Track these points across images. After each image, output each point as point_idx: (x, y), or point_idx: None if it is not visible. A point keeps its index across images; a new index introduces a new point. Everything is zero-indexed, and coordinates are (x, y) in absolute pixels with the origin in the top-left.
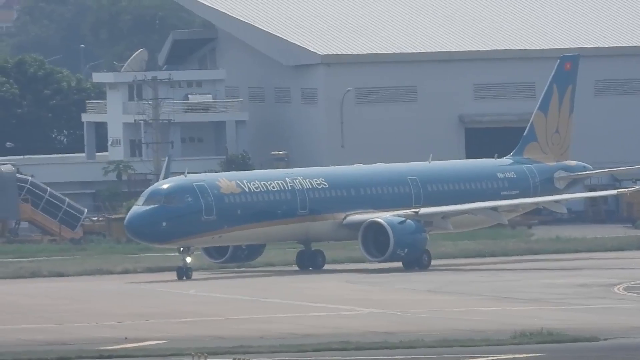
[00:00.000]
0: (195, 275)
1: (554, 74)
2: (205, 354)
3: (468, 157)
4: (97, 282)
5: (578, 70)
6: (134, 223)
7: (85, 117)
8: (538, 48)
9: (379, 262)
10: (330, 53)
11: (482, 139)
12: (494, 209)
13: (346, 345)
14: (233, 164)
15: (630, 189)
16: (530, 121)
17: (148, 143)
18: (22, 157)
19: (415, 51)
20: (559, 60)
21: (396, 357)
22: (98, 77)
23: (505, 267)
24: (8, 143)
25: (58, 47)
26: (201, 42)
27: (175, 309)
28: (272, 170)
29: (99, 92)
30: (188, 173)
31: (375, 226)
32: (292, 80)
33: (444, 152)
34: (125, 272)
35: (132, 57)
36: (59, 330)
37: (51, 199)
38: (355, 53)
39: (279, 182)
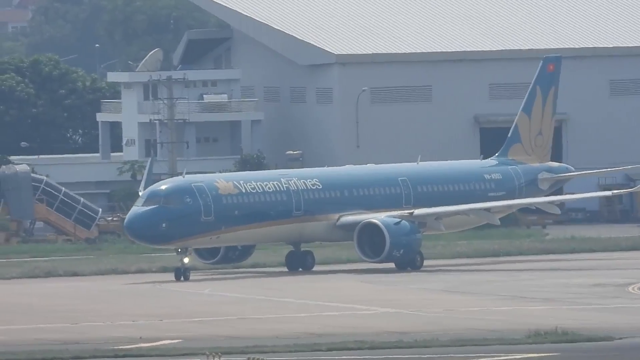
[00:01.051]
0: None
1: (537, 76)
2: (220, 354)
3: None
4: (112, 282)
5: (560, 72)
6: (134, 224)
7: (100, 117)
8: (553, 47)
9: (375, 262)
10: (345, 53)
11: (497, 139)
12: (487, 209)
13: (361, 345)
14: (248, 163)
15: (630, 189)
16: (515, 123)
17: (163, 143)
18: (37, 157)
19: (430, 51)
20: (541, 62)
21: (411, 356)
22: (113, 77)
23: (520, 266)
24: (23, 143)
25: (73, 46)
26: (216, 42)
27: (190, 309)
28: (267, 171)
29: (114, 91)
30: (186, 174)
31: (370, 227)
32: (307, 80)
33: (459, 151)
34: (140, 271)
35: (147, 56)
36: (74, 329)
37: (66, 199)
38: (370, 53)
39: (274, 182)
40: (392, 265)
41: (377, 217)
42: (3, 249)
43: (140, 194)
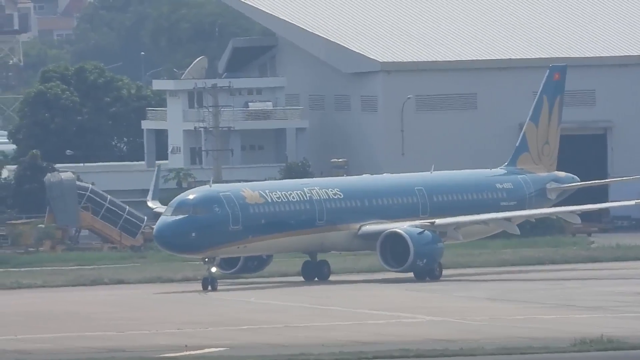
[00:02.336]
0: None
1: (543, 85)
2: None
3: None
4: (157, 290)
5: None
6: (164, 233)
7: (145, 125)
8: (597, 56)
9: (398, 272)
10: (390, 60)
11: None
12: (507, 219)
13: (406, 353)
14: (293, 171)
15: None
16: (523, 131)
17: (208, 150)
18: (82, 164)
19: (475, 59)
20: (547, 71)
21: None
22: (158, 85)
23: (565, 275)
24: (68, 151)
25: (118, 54)
26: (261, 50)
27: (235, 317)
28: (290, 180)
29: (159, 99)
30: (213, 183)
31: (393, 237)
32: (352, 88)
33: (503, 159)
34: (185, 279)
35: (192, 64)
36: (119, 337)
37: (111, 207)
38: (415, 60)
39: (298, 192)
40: (411, 274)
41: (401, 227)
42: (49, 256)
43: (149, 204)
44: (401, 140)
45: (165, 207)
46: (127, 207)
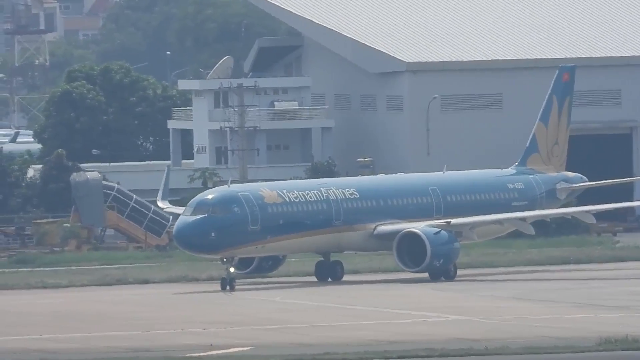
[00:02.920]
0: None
1: (553, 85)
2: None
3: None
4: (182, 289)
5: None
6: (184, 233)
7: (171, 124)
8: (623, 55)
9: (414, 272)
10: (415, 60)
11: (569, 147)
12: (522, 219)
13: (431, 352)
14: (318, 171)
15: None
16: (532, 132)
17: (234, 150)
18: (108, 164)
19: (500, 58)
20: (557, 71)
21: None
22: (184, 85)
23: (590, 274)
24: (94, 150)
25: (144, 54)
26: (287, 50)
27: (261, 316)
28: (307, 180)
29: (185, 99)
30: (231, 183)
31: (410, 237)
32: (378, 88)
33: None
34: (211, 279)
35: (217, 64)
36: (144, 337)
37: (137, 206)
38: (441, 60)
39: (315, 192)
40: (425, 274)
41: (417, 227)
42: (74, 256)
43: (159, 204)
44: (426, 140)
45: (172, 206)
46: (153, 206)
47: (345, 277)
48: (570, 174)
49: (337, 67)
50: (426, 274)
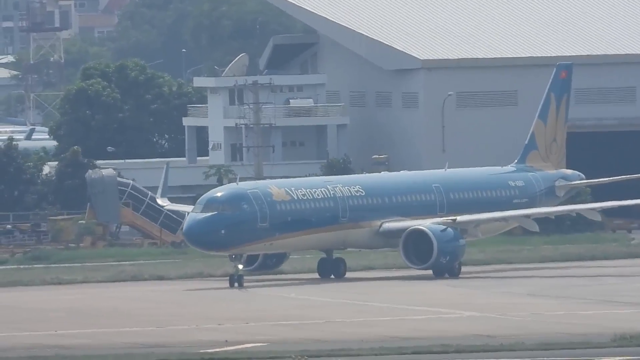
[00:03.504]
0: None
1: (551, 83)
2: (306, 357)
3: (570, 161)
4: (197, 286)
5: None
6: (194, 231)
7: (187, 122)
8: (637, 53)
9: (421, 269)
10: (430, 58)
11: (584, 144)
12: (527, 216)
13: (446, 349)
14: (334, 168)
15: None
16: (531, 129)
17: (249, 147)
18: (123, 161)
19: (515, 56)
20: (555, 69)
21: None
22: (199, 82)
23: (605, 271)
24: (109, 147)
25: (159, 51)
26: (302, 47)
27: (276, 312)
28: (313, 177)
29: (200, 96)
30: (240, 180)
31: (416, 234)
32: (393, 85)
33: None
34: (226, 275)
35: (233, 61)
36: (159, 333)
37: (152, 203)
38: (456, 58)
39: (322, 189)
40: (429, 272)
41: (424, 224)
42: (89, 252)
43: (158, 201)
44: (442, 137)
45: (172, 204)
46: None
47: (349, 274)
48: (568, 172)
49: (353, 65)
50: (430, 271)
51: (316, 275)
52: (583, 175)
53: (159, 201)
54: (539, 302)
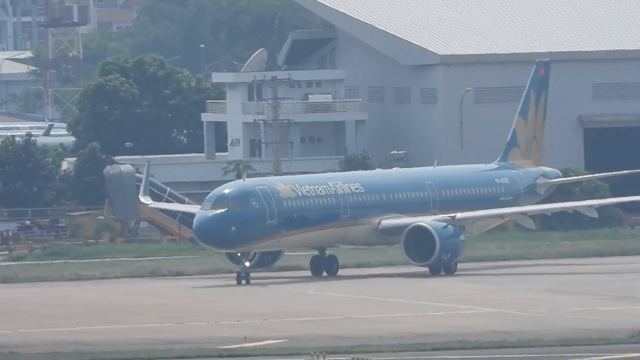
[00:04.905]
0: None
1: (531, 80)
2: (324, 353)
3: (587, 157)
4: (216, 282)
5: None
6: (205, 228)
7: (205, 117)
8: None
9: (422, 266)
10: (449, 53)
11: (601, 139)
12: (524, 213)
13: (465, 345)
14: (352, 163)
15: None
16: (513, 127)
17: (268, 143)
18: (141, 157)
19: (534, 51)
20: (534, 66)
21: (515, 356)
22: (218, 77)
23: (623, 267)
24: (128, 143)
25: (178, 47)
26: (321, 42)
27: (294, 309)
28: (316, 174)
29: (219, 92)
30: (246, 177)
31: (418, 231)
32: (412, 80)
33: (563, 152)
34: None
35: (251, 57)
36: (178, 329)
37: (171, 199)
38: (475, 53)
39: (324, 186)
40: (426, 269)
41: (425, 221)
42: (108, 248)
43: (141, 200)
44: (460, 132)
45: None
46: (187, 199)
47: (347, 272)
48: (547, 169)
49: (371, 60)
50: (426, 269)
51: (308, 273)
52: (560, 173)
53: (142, 199)
54: (558, 298)
